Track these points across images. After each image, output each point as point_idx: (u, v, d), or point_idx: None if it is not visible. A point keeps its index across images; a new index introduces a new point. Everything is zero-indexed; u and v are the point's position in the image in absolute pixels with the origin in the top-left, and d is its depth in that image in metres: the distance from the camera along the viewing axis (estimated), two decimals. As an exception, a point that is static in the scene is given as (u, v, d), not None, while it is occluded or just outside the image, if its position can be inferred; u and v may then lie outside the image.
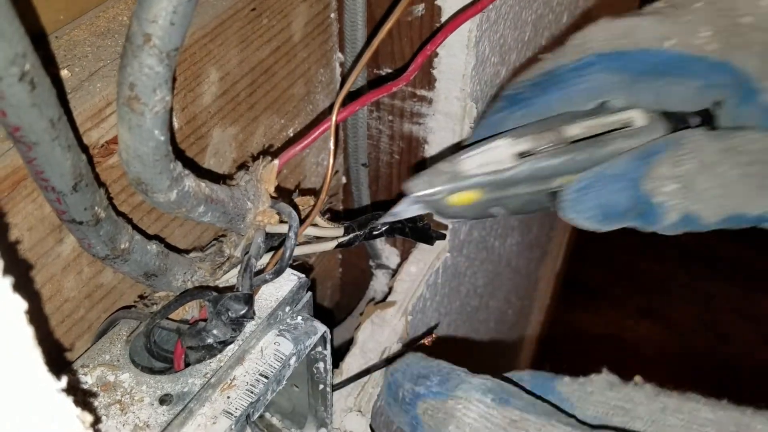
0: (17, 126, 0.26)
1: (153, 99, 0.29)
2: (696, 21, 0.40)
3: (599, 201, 0.40)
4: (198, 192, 0.35)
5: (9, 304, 0.19)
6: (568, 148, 0.41)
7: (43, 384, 0.21)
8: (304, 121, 0.56)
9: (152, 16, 0.27)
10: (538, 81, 0.42)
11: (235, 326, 0.38)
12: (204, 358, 0.38)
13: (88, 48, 0.38)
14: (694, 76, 0.40)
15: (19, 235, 0.33)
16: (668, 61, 0.40)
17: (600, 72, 0.40)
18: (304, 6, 0.49)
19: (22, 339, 0.20)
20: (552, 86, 0.42)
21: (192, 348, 0.37)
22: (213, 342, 0.37)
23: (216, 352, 0.38)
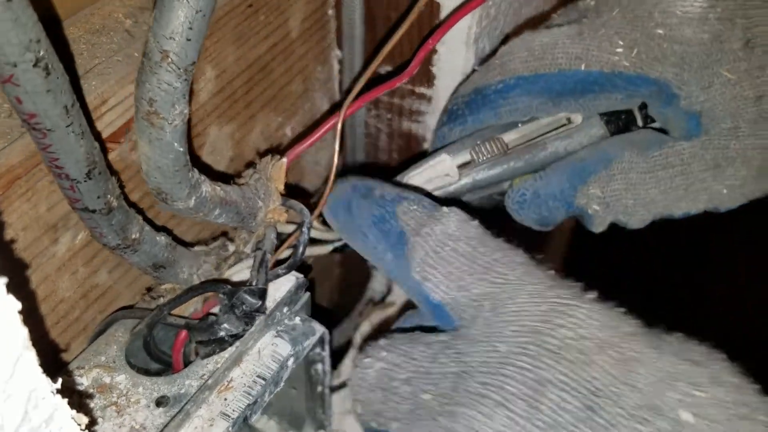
0: (33, 113, 0.26)
1: (172, 113, 0.30)
2: (611, 34, 0.42)
3: (539, 214, 0.43)
4: (214, 196, 0.36)
5: (3, 304, 0.19)
6: (507, 157, 0.45)
7: (38, 385, 0.21)
8: (301, 119, 0.55)
9: (169, 33, 0.28)
10: (469, 99, 0.46)
11: (247, 320, 0.37)
12: (214, 352, 0.37)
13: (83, 45, 0.38)
14: (615, 89, 0.42)
15: (14, 234, 0.33)
16: (587, 80, 0.42)
17: (522, 94, 0.43)
18: (301, 2, 0.49)
19: (17, 340, 0.20)
20: (482, 105, 0.45)
21: (202, 342, 0.37)
22: (225, 335, 0.37)
23: (227, 346, 0.37)
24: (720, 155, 0.43)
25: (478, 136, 0.45)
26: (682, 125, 0.43)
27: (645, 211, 0.44)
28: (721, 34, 0.41)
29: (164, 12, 0.28)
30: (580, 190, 0.43)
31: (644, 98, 0.44)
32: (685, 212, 0.44)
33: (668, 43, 0.41)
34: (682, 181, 0.43)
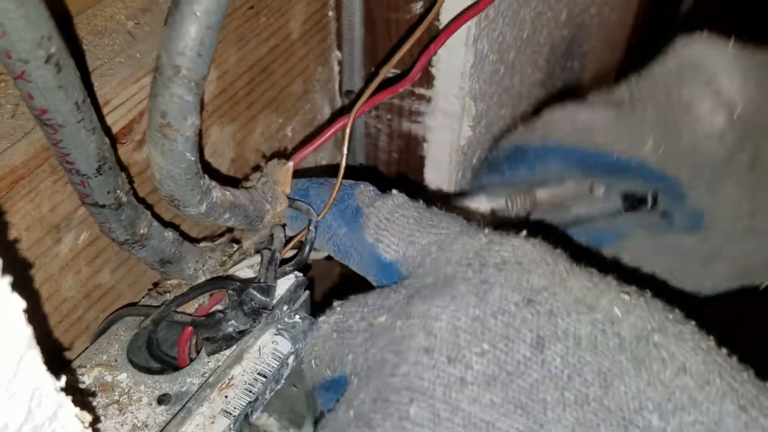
0: (44, 108, 0.26)
1: (184, 125, 0.30)
2: (644, 129, 0.50)
3: None
4: (224, 201, 0.36)
5: (8, 303, 0.19)
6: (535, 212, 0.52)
7: (42, 383, 0.21)
8: (302, 120, 0.56)
9: (181, 48, 0.28)
10: (510, 154, 0.54)
11: (254, 316, 0.38)
12: (221, 348, 0.38)
13: (86, 47, 0.38)
14: (637, 175, 0.50)
15: (18, 234, 0.33)
16: (617, 164, 0.50)
17: (558, 160, 0.51)
18: (302, 4, 0.49)
19: (21, 338, 0.20)
20: (520, 162, 0.53)
21: (209, 339, 0.38)
22: (233, 331, 0.38)
23: (233, 342, 0.38)
24: (712, 253, 0.51)
25: (512, 186, 0.52)
26: (686, 219, 0.51)
27: None
28: (733, 152, 0.49)
29: (176, 28, 0.29)
30: None
31: (658, 189, 0.51)
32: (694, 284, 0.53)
33: (689, 151, 0.49)
34: (677, 266, 0.52)
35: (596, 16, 0.91)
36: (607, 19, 1.00)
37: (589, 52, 0.98)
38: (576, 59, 0.92)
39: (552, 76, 0.83)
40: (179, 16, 0.28)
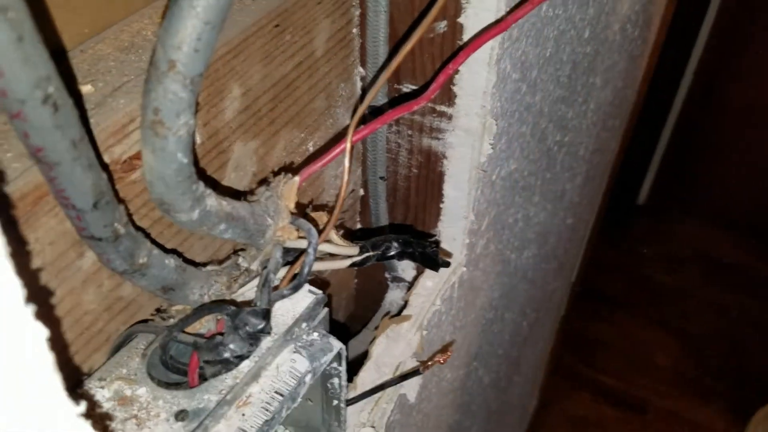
0: (39, 147, 0.26)
1: (177, 123, 0.29)
2: None
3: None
4: (219, 210, 0.36)
5: (31, 331, 0.20)
6: None
7: (63, 410, 0.21)
8: (324, 135, 0.56)
9: (177, 43, 0.28)
10: None
11: (252, 341, 0.38)
12: (220, 372, 0.38)
13: (112, 63, 0.38)
14: None
15: (41, 249, 0.33)
16: None
17: None
18: (327, 22, 0.49)
19: (44, 365, 0.20)
20: None
21: (208, 362, 0.38)
22: (230, 356, 0.38)
23: (232, 367, 0.38)
24: None
25: None
26: None
27: None
28: None
29: (173, 21, 0.28)
30: None
31: None
32: None
33: None
34: None
35: (619, 32, 0.91)
36: (630, 34, 0.99)
37: (612, 68, 0.98)
38: (598, 75, 0.91)
39: (574, 92, 0.82)
40: (177, 9, 0.28)
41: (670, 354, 2.10)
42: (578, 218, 1.30)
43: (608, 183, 1.51)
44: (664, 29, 1.32)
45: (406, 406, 0.62)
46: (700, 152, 2.41)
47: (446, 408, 0.82)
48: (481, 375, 0.94)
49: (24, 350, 0.20)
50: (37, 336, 0.20)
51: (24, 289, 0.20)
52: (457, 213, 0.63)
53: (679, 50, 2.16)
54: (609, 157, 1.37)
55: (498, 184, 0.68)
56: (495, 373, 1.06)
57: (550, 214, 1.01)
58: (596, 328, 2.14)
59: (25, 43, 0.22)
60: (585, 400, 1.99)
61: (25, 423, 0.20)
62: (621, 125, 1.33)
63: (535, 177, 0.82)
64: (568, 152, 0.93)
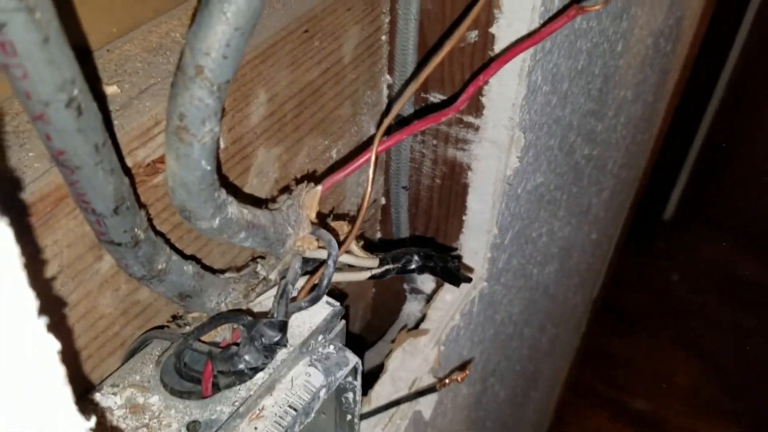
0: (61, 150, 0.26)
1: (202, 130, 0.29)
2: None
3: None
4: (240, 218, 0.35)
5: (43, 344, 0.19)
6: None
7: (72, 424, 0.21)
8: (348, 142, 0.55)
9: (206, 49, 0.27)
10: None
11: (267, 353, 0.37)
12: (234, 383, 0.37)
13: (139, 64, 0.38)
14: None
15: (59, 251, 0.33)
16: None
17: None
18: (356, 28, 0.48)
19: (55, 379, 0.20)
20: None
21: (222, 372, 0.37)
22: (244, 368, 0.37)
23: (246, 379, 0.37)
24: None
25: None
26: None
27: None
28: None
29: (202, 26, 0.27)
30: None
31: None
32: None
33: None
34: None
35: (652, 46, 0.89)
36: (662, 48, 0.97)
37: (644, 82, 0.96)
38: (630, 89, 0.89)
39: (604, 106, 0.81)
40: (208, 14, 0.27)
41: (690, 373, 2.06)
42: (602, 233, 1.28)
43: (634, 198, 1.49)
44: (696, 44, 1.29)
45: (421, 423, 0.61)
46: (728, 169, 2.36)
47: (460, 424, 0.80)
48: (497, 391, 0.92)
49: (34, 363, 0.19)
50: (48, 349, 0.19)
51: (37, 301, 0.19)
52: (480, 226, 0.61)
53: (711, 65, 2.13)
54: (637, 171, 1.35)
55: (523, 198, 0.67)
56: (511, 389, 1.04)
57: (575, 229, 0.99)
58: (616, 345, 2.11)
59: (51, 45, 0.22)
60: (603, 418, 1.96)
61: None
62: (650, 140, 1.31)
63: (561, 191, 0.80)
64: (595, 166, 0.91)
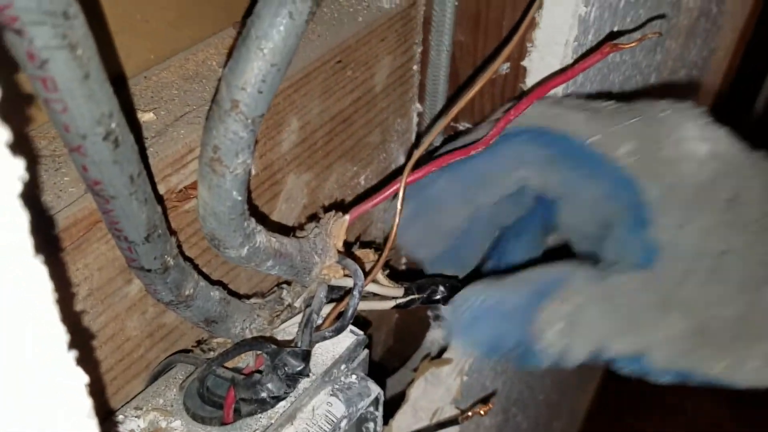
0: (97, 180, 0.26)
1: (235, 162, 0.29)
2: (624, 135, 0.41)
3: (488, 336, 0.41)
4: (268, 247, 0.35)
5: (72, 377, 0.19)
6: None
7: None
8: (376, 169, 0.55)
9: (242, 84, 0.27)
10: (467, 143, 0.44)
11: (290, 382, 0.37)
12: (255, 411, 0.37)
13: (176, 91, 0.39)
14: (602, 179, 0.41)
15: (89, 275, 0.33)
16: (586, 156, 0.41)
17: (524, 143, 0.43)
18: (388, 58, 0.49)
19: (82, 411, 0.20)
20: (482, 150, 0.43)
21: (245, 400, 0.37)
22: (266, 396, 0.37)
23: (268, 407, 0.37)
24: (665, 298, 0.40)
25: None
26: (634, 254, 0.41)
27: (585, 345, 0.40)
28: (714, 181, 0.41)
29: (239, 62, 0.28)
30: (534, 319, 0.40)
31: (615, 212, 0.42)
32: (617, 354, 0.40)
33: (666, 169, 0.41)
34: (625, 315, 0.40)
35: (685, 77, 0.88)
36: (696, 80, 0.96)
37: (676, 114, 0.95)
38: (661, 121, 0.89)
39: (635, 138, 0.80)
40: (245, 50, 0.28)
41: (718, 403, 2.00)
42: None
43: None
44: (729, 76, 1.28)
45: (441, 453, 0.60)
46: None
47: (481, 453, 0.79)
48: (519, 421, 0.91)
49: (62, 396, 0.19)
50: (77, 382, 0.20)
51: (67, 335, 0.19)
52: (506, 256, 0.61)
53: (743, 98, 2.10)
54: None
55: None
56: (534, 418, 1.02)
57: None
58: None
59: (91, 81, 0.22)
60: (626, 449, 1.91)
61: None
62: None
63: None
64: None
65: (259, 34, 0.27)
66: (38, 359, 0.18)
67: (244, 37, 0.28)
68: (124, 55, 0.38)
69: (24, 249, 0.18)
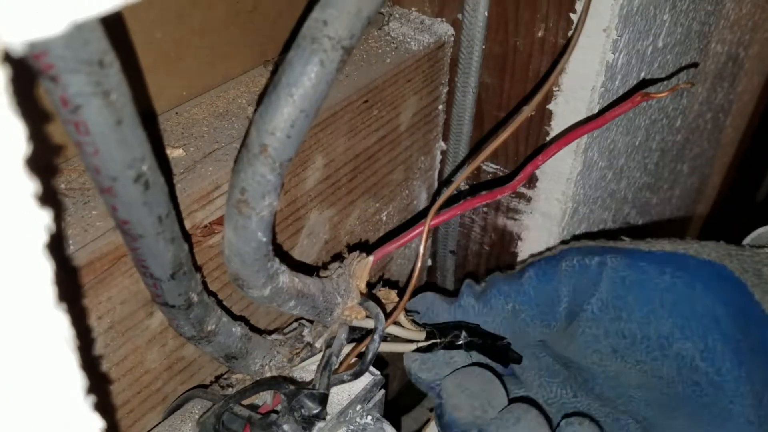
0: (126, 220, 0.26)
1: (261, 204, 0.29)
2: None
3: None
4: (291, 288, 0.35)
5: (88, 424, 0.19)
6: None
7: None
8: (398, 206, 0.55)
9: (271, 128, 0.28)
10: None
11: (306, 424, 0.37)
12: None
13: (206, 128, 0.39)
14: None
15: (112, 307, 0.34)
16: None
17: None
18: (414, 98, 0.49)
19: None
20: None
21: None
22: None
23: None
24: None
25: None
26: None
27: None
28: None
29: (269, 107, 0.28)
30: None
31: None
32: None
33: None
34: None
35: (711, 121, 0.88)
36: (721, 123, 0.96)
37: (700, 156, 0.94)
38: (686, 162, 0.88)
39: (660, 179, 0.80)
40: (275, 96, 0.28)
41: None
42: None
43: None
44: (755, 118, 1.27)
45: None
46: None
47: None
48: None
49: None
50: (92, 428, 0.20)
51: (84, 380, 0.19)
52: (526, 297, 0.60)
53: None
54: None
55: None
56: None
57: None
58: None
59: (123, 126, 0.23)
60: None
61: None
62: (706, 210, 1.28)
63: (610, 263, 0.78)
64: (647, 238, 0.89)
65: (290, 81, 0.28)
66: (55, 406, 0.18)
67: (275, 83, 0.29)
68: (158, 91, 0.39)
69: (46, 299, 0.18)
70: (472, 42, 0.48)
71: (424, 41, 0.48)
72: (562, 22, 0.46)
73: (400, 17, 0.51)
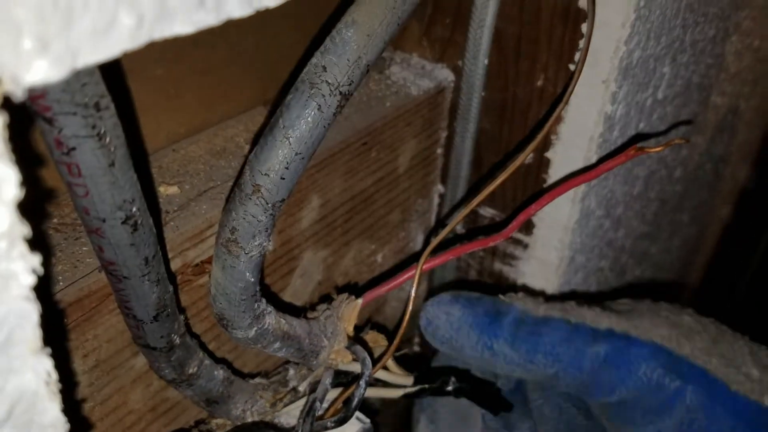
0: (112, 261, 0.26)
1: (251, 244, 0.29)
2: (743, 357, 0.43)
3: None
4: (277, 329, 0.35)
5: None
6: None
7: None
8: (394, 248, 0.55)
9: (265, 169, 0.28)
10: None
11: None
12: None
13: (202, 166, 0.39)
14: None
15: (98, 346, 0.33)
16: None
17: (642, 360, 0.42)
18: (413, 142, 0.49)
19: None
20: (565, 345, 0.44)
21: None
22: None
23: None
24: None
25: None
26: None
27: None
28: None
29: (265, 148, 0.28)
30: None
31: None
32: None
33: None
34: None
35: (710, 172, 0.88)
36: (722, 173, 0.96)
37: (701, 205, 0.94)
38: (686, 212, 0.88)
39: (659, 229, 0.79)
40: (272, 137, 0.28)
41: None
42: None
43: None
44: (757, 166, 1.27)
45: None
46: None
47: None
48: None
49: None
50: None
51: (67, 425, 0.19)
52: (521, 344, 0.60)
53: None
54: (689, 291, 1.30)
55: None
56: None
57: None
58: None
59: (116, 168, 0.23)
60: None
61: None
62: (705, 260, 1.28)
63: (607, 311, 0.78)
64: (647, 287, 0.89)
65: (286, 123, 0.28)
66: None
67: (272, 125, 0.29)
68: (156, 128, 0.39)
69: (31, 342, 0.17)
70: (471, 88, 0.48)
71: (425, 86, 0.49)
72: (561, 73, 0.46)
73: (401, 62, 0.51)
